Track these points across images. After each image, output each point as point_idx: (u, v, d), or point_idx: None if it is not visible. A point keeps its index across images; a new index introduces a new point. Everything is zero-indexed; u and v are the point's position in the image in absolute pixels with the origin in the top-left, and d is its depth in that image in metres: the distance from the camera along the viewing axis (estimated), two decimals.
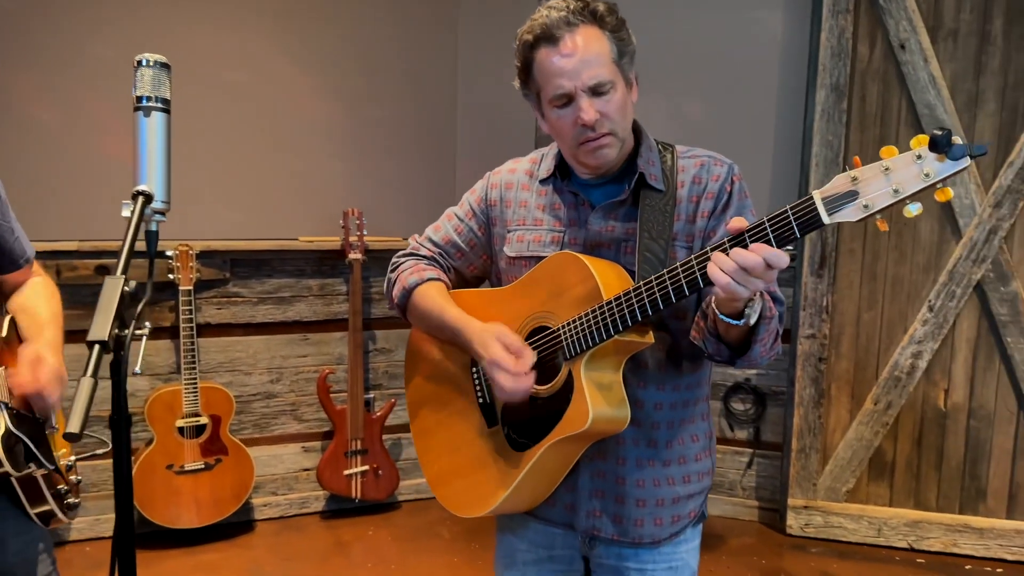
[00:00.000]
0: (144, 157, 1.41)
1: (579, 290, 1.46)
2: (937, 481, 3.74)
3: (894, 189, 1.16)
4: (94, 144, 3.61)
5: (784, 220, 1.23)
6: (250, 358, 3.88)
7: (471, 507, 1.63)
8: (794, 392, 3.84)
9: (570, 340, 1.46)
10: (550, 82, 1.47)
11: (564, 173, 1.61)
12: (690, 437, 1.60)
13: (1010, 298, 3.56)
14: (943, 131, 1.12)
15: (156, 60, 1.43)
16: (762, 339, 1.38)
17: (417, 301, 1.67)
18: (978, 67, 3.53)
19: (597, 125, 1.46)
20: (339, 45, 4.02)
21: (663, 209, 1.50)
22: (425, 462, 1.76)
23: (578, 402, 1.43)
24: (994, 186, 3.53)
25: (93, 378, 1.16)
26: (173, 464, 3.54)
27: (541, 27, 1.47)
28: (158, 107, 1.42)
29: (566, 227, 1.58)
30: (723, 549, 3.76)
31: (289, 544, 3.73)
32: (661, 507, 1.57)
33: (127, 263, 1.29)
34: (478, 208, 1.71)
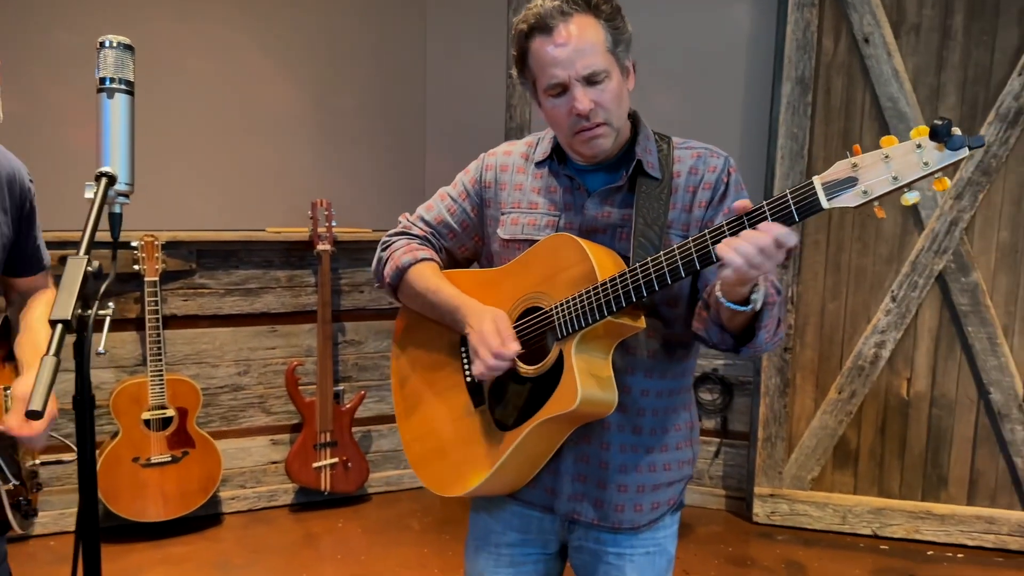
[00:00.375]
0: (108, 139, 1.41)
1: (574, 271, 1.46)
2: (900, 469, 3.81)
3: (893, 176, 1.19)
4: (59, 133, 3.57)
5: (783, 204, 1.25)
6: (217, 350, 3.87)
7: (452, 486, 1.62)
8: (760, 382, 3.89)
9: (562, 320, 1.46)
10: (544, 72, 1.48)
11: (560, 157, 1.61)
12: (674, 426, 1.62)
13: (970, 288, 3.63)
14: (944, 120, 1.15)
15: (120, 41, 1.42)
16: (766, 325, 1.39)
17: (411, 280, 1.67)
18: (940, 61, 3.60)
19: (592, 115, 1.46)
20: (307, 34, 4.01)
21: (659, 197, 1.52)
22: (407, 441, 1.75)
23: (567, 382, 1.44)
24: (955, 178, 3.60)
25: (56, 357, 1.16)
26: (139, 457, 3.51)
27: (535, 16, 1.47)
28: (122, 89, 1.41)
29: (561, 211, 1.58)
30: (691, 538, 3.81)
31: (257, 537, 3.72)
32: (642, 493, 1.59)
33: (90, 244, 1.28)
34: (472, 189, 1.70)
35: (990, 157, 3.55)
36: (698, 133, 4.21)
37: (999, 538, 3.70)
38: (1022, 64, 3.48)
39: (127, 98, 1.43)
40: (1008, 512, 3.70)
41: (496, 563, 1.69)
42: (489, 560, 1.70)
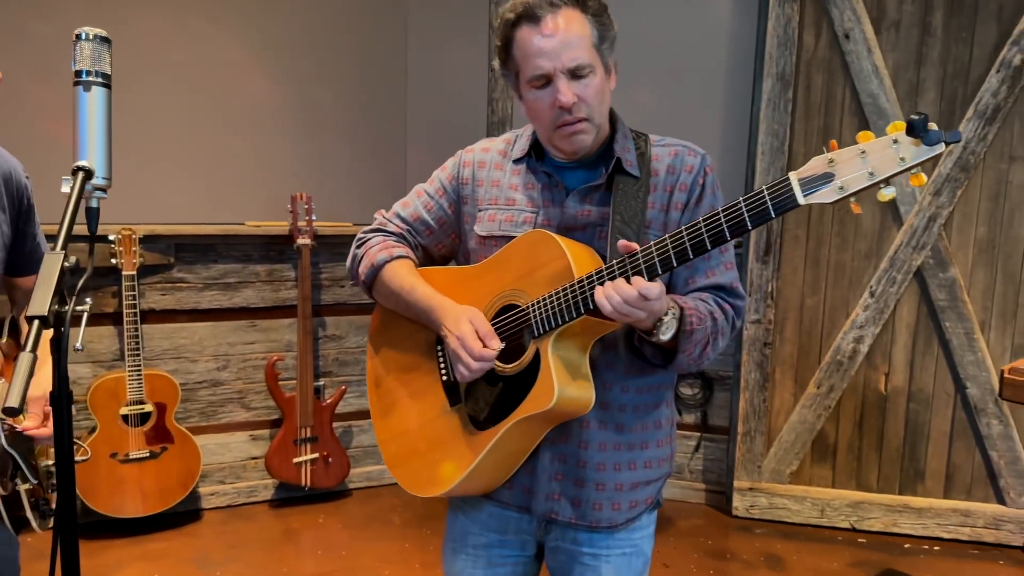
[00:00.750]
0: (84, 133, 1.40)
1: (550, 268, 1.45)
2: (878, 463, 3.86)
3: (869, 172, 1.19)
4: (36, 125, 3.53)
5: (760, 200, 1.26)
6: (196, 345, 3.85)
7: (429, 486, 1.61)
8: (740, 376, 3.92)
9: (539, 318, 1.45)
10: (529, 62, 1.47)
11: (539, 154, 1.60)
12: (654, 423, 1.61)
13: (948, 284, 3.67)
14: (921, 115, 1.16)
15: (96, 34, 1.41)
16: (685, 350, 1.43)
17: (386, 278, 1.65)
18: (919, 58, 3.63)
19: (574, 109, 1.46)
20: (287, 26, 3.99)
21: (636, 195, 1.51)
22: (382, 440, 1.73)
23: (544, 380, 1.43)
24: (934, 174, 3.64)
25: (33, 353, 1.16)
26: (117, 452, 3.49)
27: (524, 5, 1.46)
28: (98, 82, 1.40)
29: (539, 208, 1.57)
30: (671, 531, 3.83)
31: (237, 533, 3.71)
32: (620, 492, 1.58)
33: (67, 239, 1.27)
34: (449, 185, 1.69)
35: (968, 153, 3.59)
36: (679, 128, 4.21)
37: (974, 531, 3.75)
38: (1000, 61, 3.52)
39: (104, 91, 1.42)
40: (983, 505, 3.75)
41: (474, 564, 1.68)
42: (467, 562, 1.69)
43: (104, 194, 1.42)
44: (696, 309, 1.45)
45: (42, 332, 1.19)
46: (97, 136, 1.41)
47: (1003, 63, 3.52)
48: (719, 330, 1.50)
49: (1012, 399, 2.50)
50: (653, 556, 1.71)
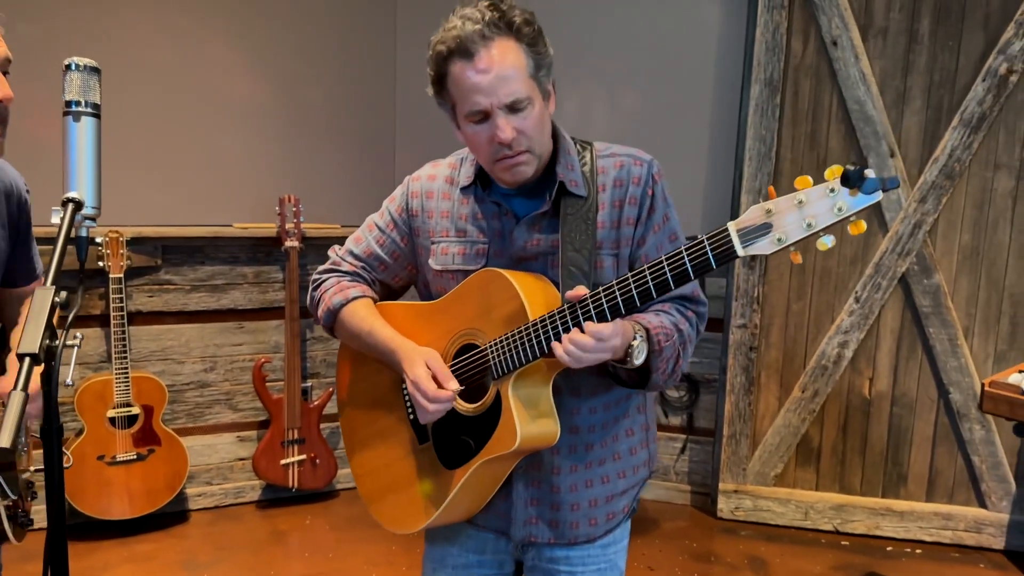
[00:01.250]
0: (74, 162, 1.41)
1: (505, 309, 1.46)
2: (861, 466, 3.91)
3: (807, 223, 1.19)
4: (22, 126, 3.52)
5: (701, 251, 1.27)
6: (183, 347, 3.86)
7: (405, 523, 1.65)
8: (726, 380, 3.96)
9: (497, 360, 1.46)
10: (466, 98, 1.45)
11: (484, 182, 1.59)
12: (625, 432, 1.63)
13: (932, 290, 3.72)
14: (856, 167, 1.14)
15: (86, 64, 1.42)
16: (658, 368, 1.46)
17: (344, 321, 1.65)
18: (906, 65, 3.66)
19: (514, 143, 1.45)
20: (275, 27, 3.99)
21: (585, 217, 1.50)
22: (358, 475, 1.76)
23: (506, 422, 1.45)
24: (919, 182, 3.67)
25: (24, 392, 1.17)
26: (104, 455, 3.51)
27: (455, 40, 1.43)
28: (88, 112, 1.42)
29: (490, 239, 1.57)
30: (656, 533, 3.88)
31: (224, 534, 3.74)
32: (595, 507, 1.61)
33: (57, 273, 1.29)
34: (399, 218, 1.68)
35: (953, 161, 3.62)
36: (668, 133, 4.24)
37: (956, 534, 3.81)
38: (986, 70, 3.55)
39: (94, 121, 1.43)
40: (965, 509, 3.81)
41: None
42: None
43: (93, 223, 1.44)
44: (662, 325, 1.47)
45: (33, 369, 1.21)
46: (86, 166, 1.42)
47: (989, 72, 3.55)
48: (686, 340, 1.52)
49: (993, 412, 2.54)
50: (638, 559, 1.75)
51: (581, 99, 4.16)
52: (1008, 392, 2.50)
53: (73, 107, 1.41)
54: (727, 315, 3.96)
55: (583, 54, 4.11)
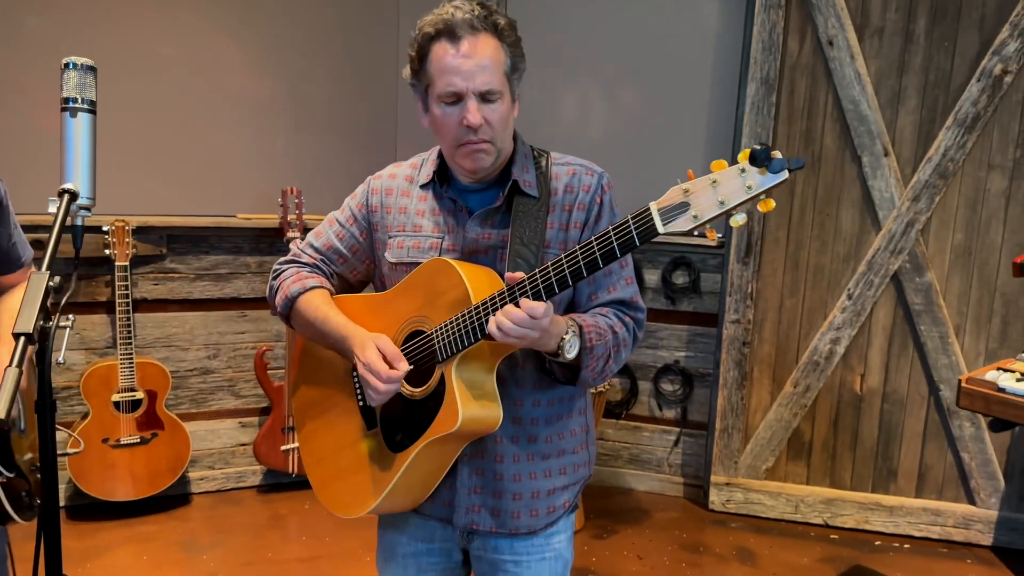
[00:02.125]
0: (70, 156, 1.51)
1: (450, 295, 1.54)
2: (852, 461, 3.98)
3: (720, 201, 1.26)
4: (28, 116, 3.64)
5: (626, 230, 1.35)
6: (187, 334, 3.97)
7: (350, 508, 1.71)
8: (719, 374, 4.04)
9: (442, 343, 1.54)
10: (443, 77, 1.54)
11: (443, 179, 1.69)
12: (569, 432, 1.72)
13: (924, 288, 3.78)
14: (762, 146, 1.23)
15: (82, 63, 1.52)
16: (588, 365, 1.54)
17: (301, 310, 1.72)
18: (901, 65, 3.72)
19: (480, 131, 1.54)
20: (278, 20, 4.08)
21: (536, 215, 1.59)
22: (308, 464, 1.83)
23: (449, 404, 1.52)
24: (913, 181, 3.74)
25: (19, 368, 1.28)
26: (109, 438, 3.63)
27: (445, 23, 1.53)
28: (84, 108, 1.52)
29: (444, 233, 1.65)
30: (647, 523, 3.97)
31: (224, 517, 3.85)
32: (537, 499, 1.68)
33: (52, 259, 1.39)
34: (359, 214, 1.76)
35: (947, 161, 3.68)
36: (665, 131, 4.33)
37: (944, 530, 3.89)
38: (981, 70, 3.61)
39: (89, 116, 1.53)
40: (954, 505, 3.88)
41: (404, 571, 1.79)
42: (396, 569, 1.80)
43: (88, 213, 1.53)
44: (596, 325, 1.56)
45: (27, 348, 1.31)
46: (82, 159, 1.52)
47: (984, 72, 3.61)
48: (620, 342, 1.61)
49: (969, 408, 2.61)
50: (628, 548, 1.83)
51: (579, 97, 4.24)
52: (984, 388, 2.57)
53: (70, 104, 1.51)
54: (721, 310, 4.04)
55: (581, 52, 4.19)
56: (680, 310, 4.22)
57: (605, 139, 4.22)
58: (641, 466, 4.37)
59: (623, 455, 4.38)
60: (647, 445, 4.35)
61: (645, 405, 4.33)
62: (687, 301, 4.20)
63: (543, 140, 1.81)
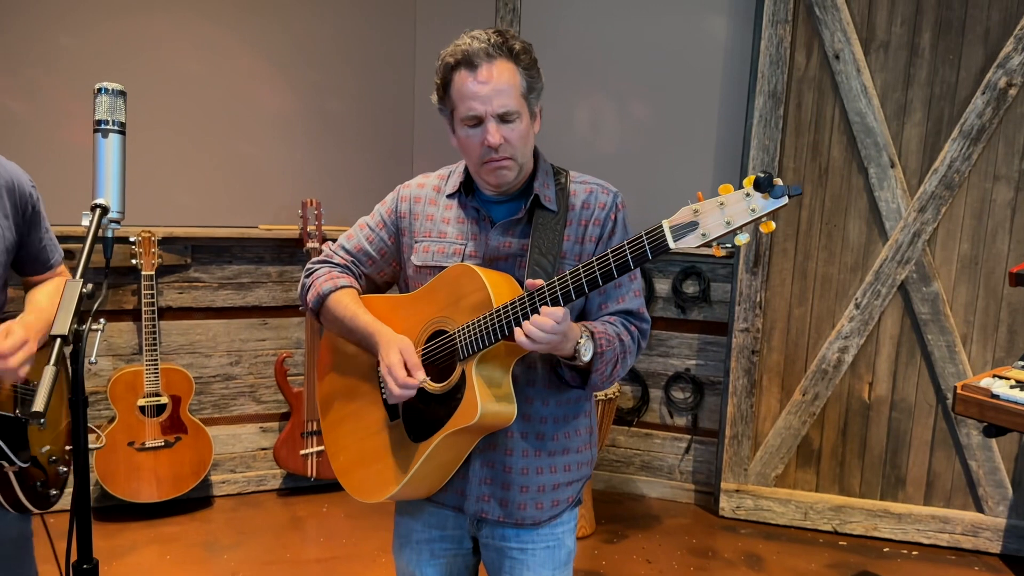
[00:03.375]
0: (102, 173, 1.66)
1: (473, 298, 1.69)
2: (860, 469, 4.06)
3: (726, 221, 1.41)
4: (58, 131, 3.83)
5: (639, 244, 1.50)
6: (210, 341, 4.14)
7: (372, 493, 1.85)
8: (729, 382, 4.14)
9: (464, 342, 1.68)
10: (464, 103, 1.69)
11: (468, 190, 1.84)
12: (574, 431, 1.86)
13: (931, 298, 3.86)
14: (766, 174, 1.38)
15: (113, 88, 1.67)
16: (598, 369, 1.69)
17: (331, 306, 1.88)
18: (907, 78, 3.82)
19: (501, 149, 1.69)
20: (299, 35, 4.24)
21: (554, 228, 1.75)
22: (332, 452, 1.98)
23: (469, 398, 1.66)
24: (919, 192, 3.82)
25: (56, 366, 1.42)
26: (134, 441, 3.79)
27: (463, 53, 1.69)
28: (114, 129, 1.67)
29: (467, 240, 1.80)
30: (658, 529, 4.07)
31: (245, 519, 4.00)
32: (542, 493, 1.83)
33: (85, 268, 1.54)
34: (388, 219, 1.92)
35: (953, 172, 3.77)
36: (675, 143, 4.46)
37: (953, 537, 3.95)
38: (986, 83, 3.70)
39: (119, 137, 1.68)
40: (962, 512, 3.95)
41: (419, 556, 1.93)
42: (412, 554, 1.94)
43: (118, 225, 1.68)
44: (605, 332, 1.71)
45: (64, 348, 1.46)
46: (113, 176, 1.67)
47: (988, 85, 3.70)
48: (627, 350, 1.75)
49: (963, 414, 2.70)
50: (638, 552, 1.95)
51: (591, 110, 4.37)
52: (978, 395, 2.66)
53: (102, 125, 1.66)
54: (730, 319, 4.15)
55: (593, 66, 4.32)
56: (690, 319, 4.32)
57: (617, 151, 4.34)
58: (652, 473, 4.48)
59: (635, 462, 4.49)
60: (658, 452, 4.45)
61: (656, 412, 4.44)
62: (697, 310, 4.31)
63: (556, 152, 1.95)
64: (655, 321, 4.35)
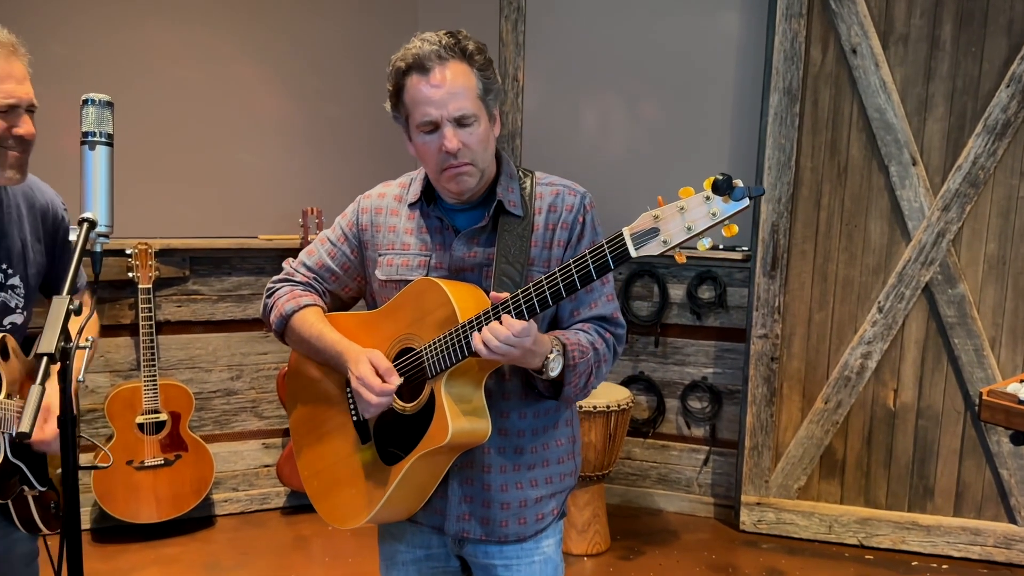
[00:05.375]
0: (89, 186, 1.68)
1: (438, 314, 1.68)
2: (886, 479, 4.04)
3: (687, 227, 1.41)
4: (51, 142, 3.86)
5: (601, 254, 1.49)
6: (210, 355, 4.16)
7: (348, 519, 1.85)
8: (748, 391, 4.13)
9: (431, 360, 1.68)
10: (418, 108, 1.69)
11: (430, 198, 1.82)
12: (554, 442, 1.85)
13: (957, 300, 3.85)
14: (724, 176, 1.37)
15: (101, 99, 1.70)
16: (571, 382, 1.68)
17: (295, 327, 1.86)
18: (928, 72, 3.80)
19: (459, 154, 1.67)
20: (298, 43, 4.27)
21: (521, 235, 1.73)
22: (306, 477, 1.97)
23: (439, 418, 1.66)
24: (942, 190, 3.81)
25: (42, 387, 1.44)
26: (133, 460, 3.82)
27: (414, 56, 1.68)
28: (102, 141, 1.69)
29: (432, 251, 1.79)
30: (676, 544, 4.06)
31: (248, 539, 4.02)
32: (524, 508, 1.82)
33: (73, 284, 1.56)
34: (350, 232, 1.90)
35: (977, 169, 3.75)
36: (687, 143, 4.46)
37: (984, 549, 3.92)
38: (1010, 75, 3.68)
39: (107, 149, 1.70)
40: (994, 524, 3.92)
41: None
42: (400, 574, 1.95)
43: (107, 239, 1.70)
44: (578, 343, 1.70)
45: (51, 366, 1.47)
46: (100, 189, 1.69)
47: (1013, 77, 3.68)
48: (601, 359, 1.74)
49: (990, 421, 2.69)
50: (654, 570, 1.94)
51: (601, 109, 4.37)
52: (1005, 401, 2.64)
53: (89, 138, 1.68)
54: (748, 325, 4.14)
55: (603, 64, 4.33)
56: (707, 325, 4.32)
57: (627, 152, 4.34)
58: (669, 486, 4.47)
59: (651, 475, 4.48)
60: (675, 464, 4.45)
61: (673, 423, 4.43)
62: (713, 316, 4.30)
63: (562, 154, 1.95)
64: (669, 328, 4.35)
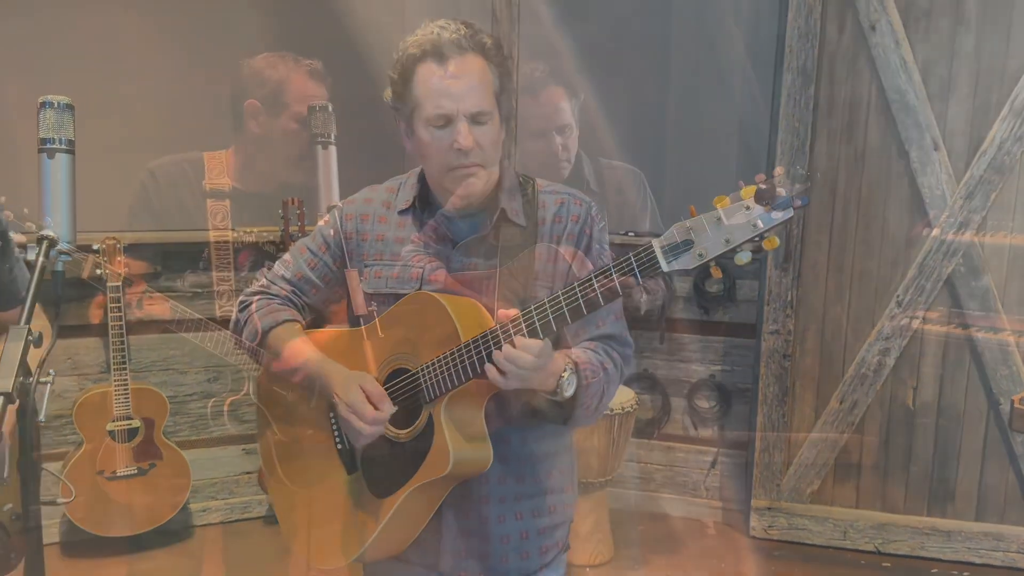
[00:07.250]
0: (48, 198, 1.57)
1: (437, 332, 1.57)
2: (904, 482, 3.98)
3: (726, 239, 1.34)
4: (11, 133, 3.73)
5: (628, 267, 1.41)
6: (185, 356, 4.05)
7: (330, 558, 1.73)
8: (758, 390, 4.06)
9: (430, 383, 1.58)
10: (431, 100, 1.59)
11: (424, 203, 1.72)
12: (557, 470, 1.77)
13: (981, 293, 3.77)
14: (768, 184, 1.30)
15: (60, 101, 1.58)
16: (584, 403, 1.59)
17: (272, 345, 1.76)
18: (951, 51, 3.70)
19: (471, 154, 1.59)
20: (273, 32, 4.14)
21: (524, 246, 1.65)
22: (281, 511, 1.86)
23: (439, 445, 1.56)
24: (966, 177, 3.72)
25: None
26: (104, 470, 3.71)
27: (432, 43, 1.58)
28: (62, 148, 1.58)
29: (426, 263, 1.69)
30: (682, 552, 4.00)
31: (229, 550, 3.93)
32: (526, 540, 1.73)
33: (31, 311, 1.45)
34: (332, 242, 1.80)
35: (1003, 154, 3.66)
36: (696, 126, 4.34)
37: (1008, 555, 3.87)
38: None
39: (68, 157, 1.59)
40: (1018, 529, 3.87)
41: None
42: None
43: (68, 257, 1.59)
44: (589, 362, 1.61)
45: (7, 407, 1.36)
46: (61, 201, 1.58)
47: None
48: (611, 379, 1.66)
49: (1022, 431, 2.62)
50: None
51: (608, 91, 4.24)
52: None
53: (48, 144, 1.57)
54: (759, 320, 4.05)
55: (610, 45, 4.21)
56: (714, 320, 4.23)
57: (634, 135, 4.23)
58: (675, 489, 4.40)
59: (656, 478, 4.41)
60: (681, 467, 4.37)
61: (679, 423, 4.35)
62: (722, 310, 4.21)
63: None
64: (675, 323, 4.26)
